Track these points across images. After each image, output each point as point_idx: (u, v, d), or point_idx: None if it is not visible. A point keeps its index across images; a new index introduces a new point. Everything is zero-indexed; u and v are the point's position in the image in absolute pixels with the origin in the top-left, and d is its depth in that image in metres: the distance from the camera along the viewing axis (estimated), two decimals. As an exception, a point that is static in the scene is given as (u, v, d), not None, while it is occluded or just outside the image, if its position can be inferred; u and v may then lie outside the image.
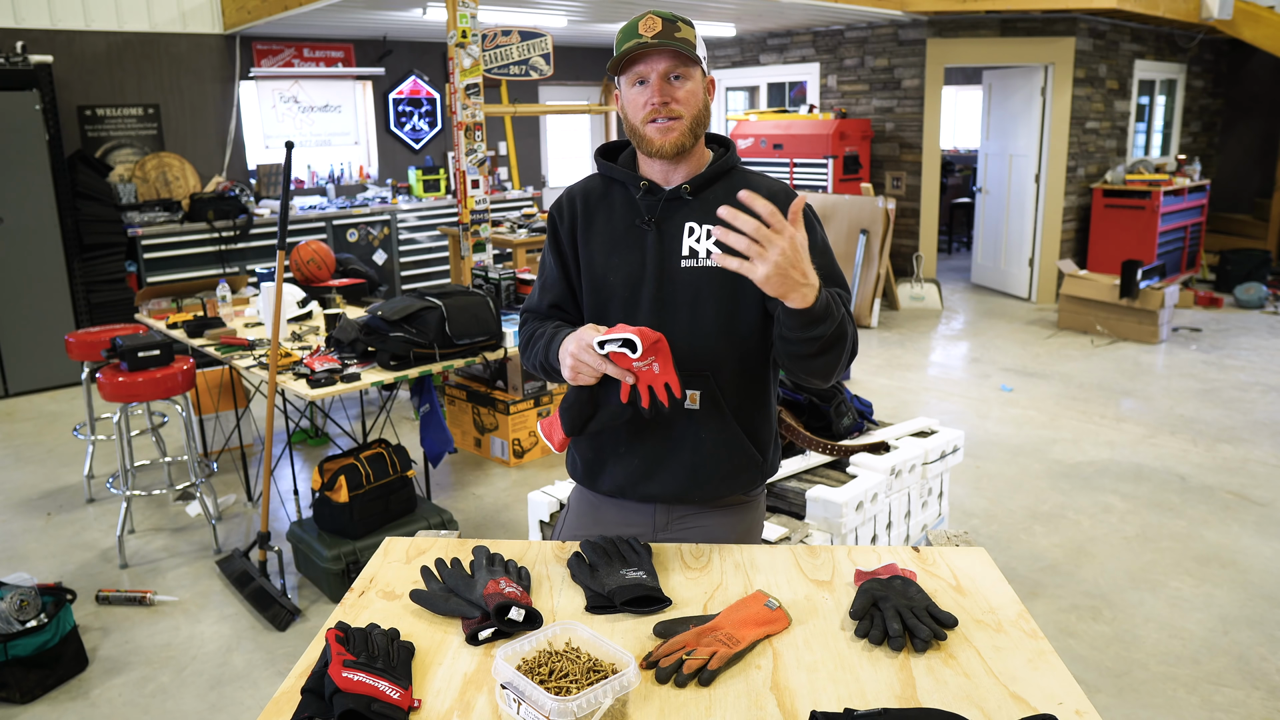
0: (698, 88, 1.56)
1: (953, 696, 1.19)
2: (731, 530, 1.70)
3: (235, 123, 7.28)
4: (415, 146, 8.43)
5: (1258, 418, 5.14)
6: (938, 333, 7.25)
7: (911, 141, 8.09)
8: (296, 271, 4.78)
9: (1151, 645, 2.99)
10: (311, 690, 1.18)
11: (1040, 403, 5.44)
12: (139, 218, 6.34)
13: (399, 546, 1.63)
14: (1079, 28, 7.60)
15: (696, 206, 1.60)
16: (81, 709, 2.76)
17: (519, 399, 4.57)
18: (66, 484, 4.47)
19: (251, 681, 2.88)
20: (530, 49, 5.26)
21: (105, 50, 6.58)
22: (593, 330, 1.49)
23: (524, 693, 1.11)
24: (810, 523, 2.92)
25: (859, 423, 3.35)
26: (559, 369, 1.55)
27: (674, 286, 1.59)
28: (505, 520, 4.02)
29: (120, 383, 3.54)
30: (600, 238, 1.64)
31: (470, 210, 4.96)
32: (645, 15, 1.52)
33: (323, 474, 3.37)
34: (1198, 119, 9.82)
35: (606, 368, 1.47)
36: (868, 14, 7.27)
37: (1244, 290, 7.95)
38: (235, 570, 3.46)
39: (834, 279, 1.56)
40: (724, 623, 1.32)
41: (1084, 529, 3.82)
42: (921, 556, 1.56)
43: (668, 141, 1.54)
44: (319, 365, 3.36)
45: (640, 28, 1.51)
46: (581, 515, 1.78)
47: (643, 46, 1.50)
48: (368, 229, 7.41)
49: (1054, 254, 8.05)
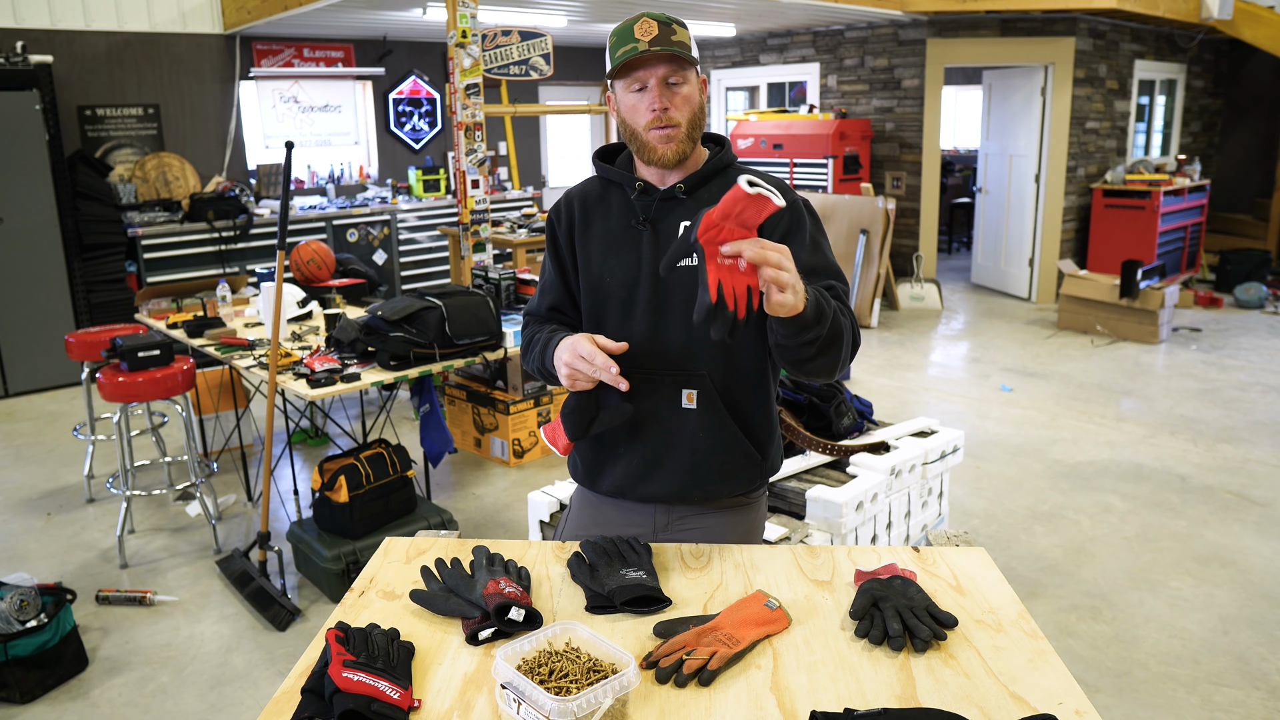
0: (694, 90, 1.56)
1: (953, 696, 1.19)
2: (732, 530, 1.70)
3: (235, 123, 7.28)
4: (415, 146, 8.43)
5: (1258, 418, 5.14)
6: (938, 333, 7.25)
7: (911, 141, 8.09)
8: (296, 271, 4.78)
9: (1151, 645, 2.99)
10: (311, 690, 1.18)
11: (1040, 403, 5.44)
12: (139, 218, 6.34)
13: (399, 546, 1.63)
14: (1079, 28, 7.60)
15: (692, 206, 1.59)
16: (81, 709, 2.76)
17: (519, 399, 4.57)
18: (66, 484, 4.47)
19: (251, 681, 2.88)
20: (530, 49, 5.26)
21: (105, 50, 6.58)
22: (587, 339, 1.49)
23: (524, 693, 1.11)
24: (810, 523, 2.92)
25: (859, 423, 3.35)
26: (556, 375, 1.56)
27: (670, 287, 1.59)
28: (505, 520, 4.02)
29: (120, 383, 3.54)
30: (597, 240, 1.65)
31: (470, 210, 4.96)
32: (640, 19, 1.52)
33: (323, 474, 3.38)
34: (1198, 119, 9.82)
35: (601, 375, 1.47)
36: (868, 14, 7.27)
37: (1244, 290, 7.95)
38: (235, 570, 3.46)
39: (829, 271, 1.55)
40: (724, 623, 1.32)
41: (1084, 529, 3.82)
42: (921, 556, 1.56)
43: (670, 150, 1.55)
44: (319, 365, 3.36)
45: (636, 32, 1.50)
46: (582, 516, 1.79)
47: (642, 54, 1.49)
48: (368, 229, 7.41)
49: (1054, 254, 8.05)
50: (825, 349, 1.42)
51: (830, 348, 1.43)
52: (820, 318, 1.37)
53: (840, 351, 1.45)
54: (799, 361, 1.45)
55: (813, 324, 1.36)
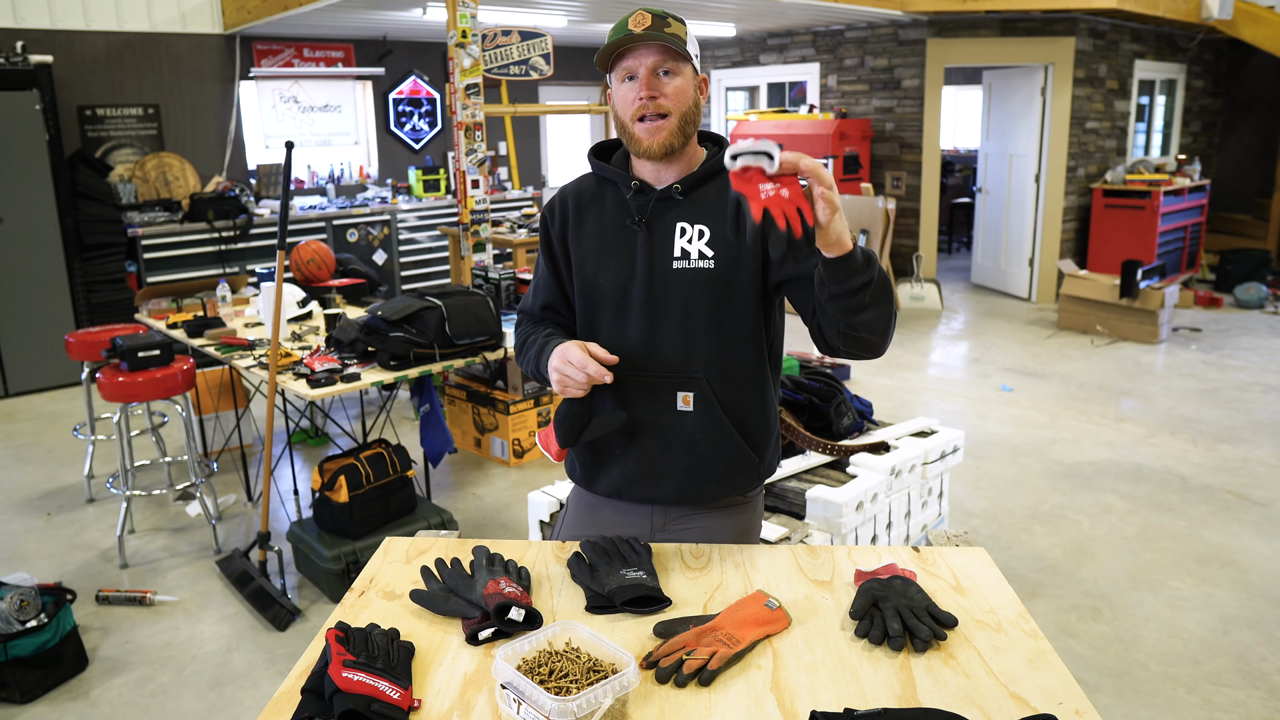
0: (688, 85, 1.54)
1: (953, 696, 1.19)
2: (729, 532, 1.70)
3: (235, 123, 7.28)
4: (415, 146, 8.43)
5: (1258, 418, 5.14)
6: (938, 333, 7.25)
7: (911, 141, 8.09)
8: (296, 271, 4.78)
9: (1151, 645, 2.99)
10: (311, 690, 1.18)
11: (1040, 403, 5.44)
12: (139, 218, 6.34)
13: (399, 546, 1.63)
14: (1079, 28, 7.60)
15: (688, 206, 1.58)
16: (81, 709, 2.76)
17: (519, 399, 4.57)
18: (66, 484, 4.47)
19: (251, 681, 2.88)
20: (530, 49, 5.26)
21: (105, 50, 6.58)
22: (578, 347, 1.49)
23: (524, 693, 1.11)
24: (810, 523, 2.92)
25: (859, 423, 3.35)
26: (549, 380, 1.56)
27: (665, 288, 1.57)
28: (505, 520, 4.02)
29: (120, 383, 3.54)
30: (591, 239, 1.63)
31: (470, 210, 4.96)
32: (636, 11, 1.52)
33: (323, 474, 3.37)
34: (1198, 119, 9.82)
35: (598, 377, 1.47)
36: (868, 14, 7.27)
37: (1244, 290, 7.95)
38: (235, 570, 3.46)
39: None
40: (724, 623, 1.32)
41: (1084, 529, 3.82)
42: (921, 556, 1.56)
43: (656, 142, 1.53)
44: (319, 365, 3.36)
45: (630, 23, 1.50)
46: (580, 516, 1.78)
47: (630, 40, 1.49)
48: (368, 229, 7.41)
49: (1054, 254, 8.05)
50: (877, 299, 1.39)
51: (881, 298, 1.40)
52: (869, 261, 1.37)
53: (890, 306, 1.43)
54: (853, 313, 1.40)
55: (863, 266, 1.36)
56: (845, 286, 1.37)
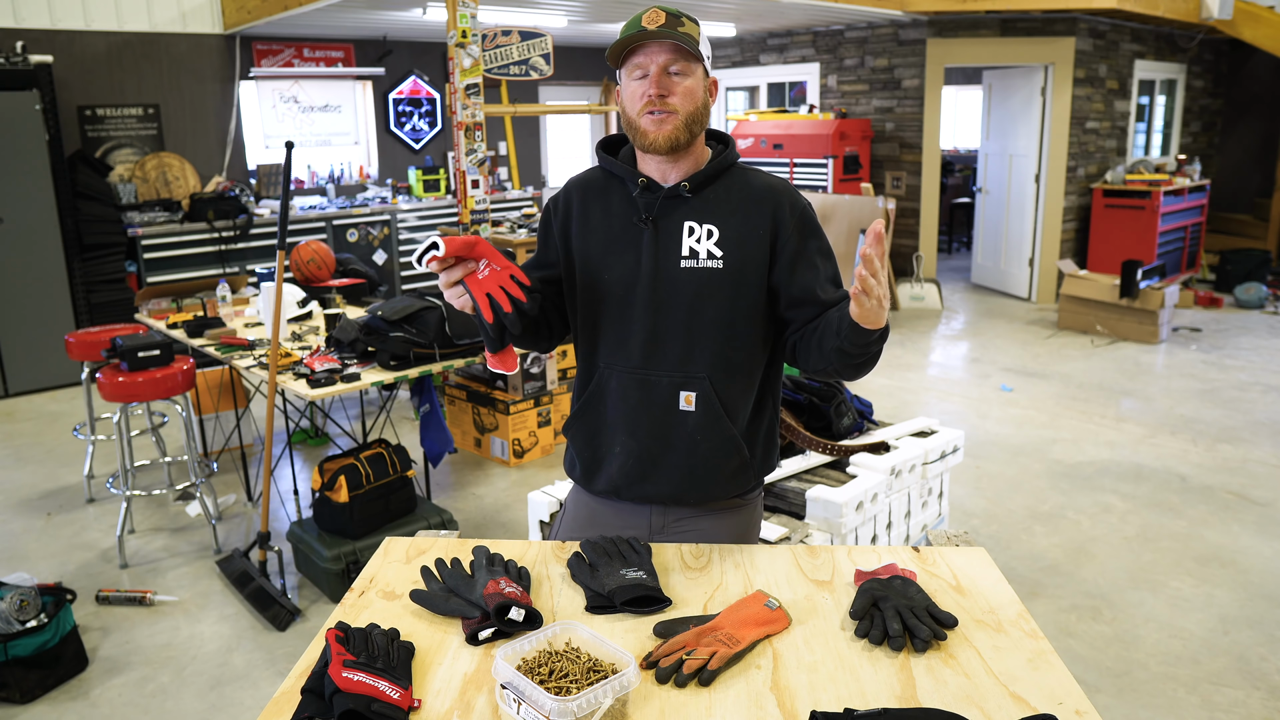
0: (697, 85, 1.54)
1: (953, 696, 1.19)
2: (728, 532, 1.69)
3: (235, 123, 7.27)
4: (415, 146, 8.43)
5: (1258, 418, 5.14)
6: (938, 333, 7.25)
7: (911, 141, 8.09)
8: (296, 271, 4.78)
9: (1151, 645, 2.99)
10: (311, 690, 1.18)
11: (1040, 403, 5.44)
12: (139, 218, 6.33)
13: (399, 546, 1.63)
14: (1079, 28, 7.60)
15: (696, 205, 1.58)
16: (81, 709, 2.76)
17: (519, 399, 4.57)
18: (66, 484, 4.47)
19: (251, 681, 2.88)
20: (530, 49, 5.25)
21: (105, 50, 6.58)
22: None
23: (524, 693, 1.11)
24: (810, 523, 2.92)
25: (859, 423, 3.35)
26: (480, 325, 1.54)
27: (672, 287, 1.57)
28: (505, 520, 4.02)
29: (120, 383, 3.54)
30: (596, 234, 1.62)
31: (470, 210, 4.96)
32: (650, 9, 1.52)
33: (323, 474, 3.37)
34: (1198, 119, 9.82)
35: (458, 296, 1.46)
36: (868, 14, 7.27)
37: (1244, 290, 7.95)
38: (235, 570, 3.46)
39: (837, 280, 1.57)
40: (724, 623, 1.32)
41: (1084, 529, 3.82)
42: (921, 556, 1.56)
43: (661, 135, 1.52)
44: (319, 365, 3.36)
45: (644, 20, 1.50)
46: (578, 517, 1.78)
47: (643, 36, 1.49)
48: (368, 229, 7.41)
49: (1054, 254, 8.05)
50: (878, 354, 1.49)
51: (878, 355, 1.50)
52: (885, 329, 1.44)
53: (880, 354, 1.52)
54: (847, 366, 1.50)
55: (885, 333, 1.43)
56: (857, 346, 1.44)
